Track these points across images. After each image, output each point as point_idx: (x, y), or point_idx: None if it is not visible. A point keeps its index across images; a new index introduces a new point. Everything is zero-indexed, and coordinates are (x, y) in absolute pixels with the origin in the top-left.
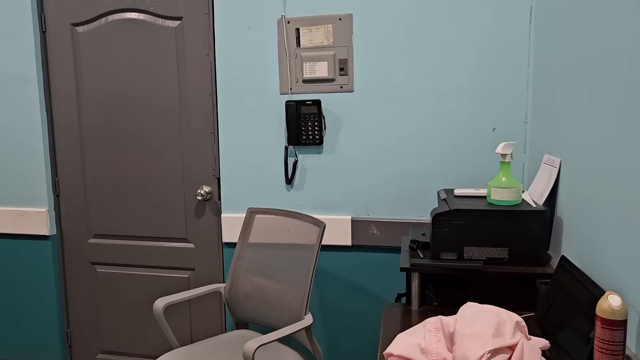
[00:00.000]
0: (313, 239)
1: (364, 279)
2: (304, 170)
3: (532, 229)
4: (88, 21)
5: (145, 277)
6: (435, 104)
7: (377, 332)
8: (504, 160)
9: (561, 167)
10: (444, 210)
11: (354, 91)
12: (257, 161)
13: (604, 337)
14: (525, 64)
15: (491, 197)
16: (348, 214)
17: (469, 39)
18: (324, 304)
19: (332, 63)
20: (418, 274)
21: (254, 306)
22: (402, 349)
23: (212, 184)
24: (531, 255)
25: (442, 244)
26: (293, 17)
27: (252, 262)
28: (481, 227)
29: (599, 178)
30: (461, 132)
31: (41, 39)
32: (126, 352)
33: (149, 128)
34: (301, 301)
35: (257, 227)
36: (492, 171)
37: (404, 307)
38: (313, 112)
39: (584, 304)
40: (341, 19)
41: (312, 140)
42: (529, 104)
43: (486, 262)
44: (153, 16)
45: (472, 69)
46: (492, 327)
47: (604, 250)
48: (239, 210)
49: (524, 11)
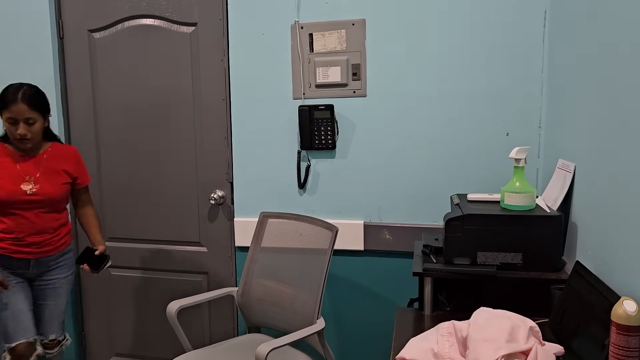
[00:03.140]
0: (326, 244)
1: (376, 284)
2: (316, 174)
3: (546, 234)
4: (104, 27)
5: (159, 280)
6: (448, 109)
7: (389, 337)
8: (518, 165)
9: (576, 172)
10: (457, 215)
11: (366, 96)
12: (270, 166)
13: (619, 343)
14: (539, 68)
15: (505, 202)
16: (360, 218)
17: (482, 43)
18: (336, 309)
19: (345, 68)
20: (431, 279)
21: (266, 310)
22: (415, 353)
23: (225, 188)
24: (545, 261)
25: (455, 249)
26: (306, 22)
27: (265, 266)
28: (495, 232)
29: (614, 183)
30: (474, 137)
31: (59, 45)
32: (139, 355)
33: (163, 133)
34: (313, 305)
35: (269, 231)
36: (505, 176)
37: (416, 312)
38: (326, 116)
39: (599, 310)
40: (354, 24)
41: (325, 145)
42: (543, 108)
43: (500, 268)
44: (168, 22)
45: (485, 74)
46: (505, 332)
47: (619, 256)
48: (251, 214)
49: (538, 15)
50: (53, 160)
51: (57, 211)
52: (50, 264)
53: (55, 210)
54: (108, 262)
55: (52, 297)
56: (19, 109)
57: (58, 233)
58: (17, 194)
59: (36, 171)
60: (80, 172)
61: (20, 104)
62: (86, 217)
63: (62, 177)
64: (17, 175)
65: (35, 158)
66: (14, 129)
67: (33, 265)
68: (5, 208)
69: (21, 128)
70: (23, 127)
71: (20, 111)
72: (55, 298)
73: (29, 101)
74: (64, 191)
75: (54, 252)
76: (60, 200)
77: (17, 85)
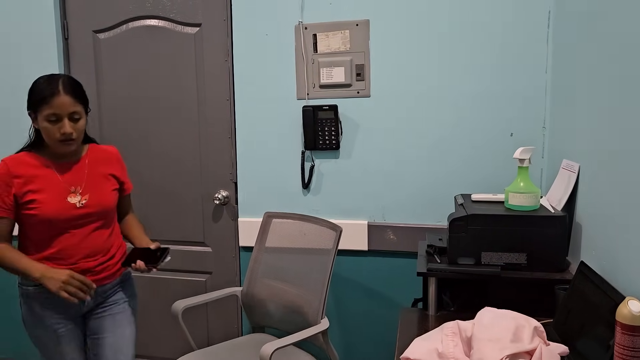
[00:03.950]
0: (330, 244)
1: (380, 284)
2: (320, 175)
3: (550, 235)
4: (109, 28)
5: (163, 280)
6: (452, 109)
7: (393, 337)
8: (522, 165)
9: (580, 172)
10: (461, 215)
11: (370, 96)
12: (274, 166)
13: (624, 343)
14: (543, 68)
15: (509, 202)
16: (364, 218)
17: (486, 43)
18: (340, 308)
19: (349, 68)
20: (435, 279)
21: (270, 310)
22: (419, 353)
23: (230, 189)
24: (549, 261)
25: (460, 249)
26: (310, 23)
27: (269, 266)
28: (499, 232)
29: (619, 184)
30: (478, 137)
31: (64, 45)
32: (144, 354)
33: (167, 133)
34: (317, 305)
35: (274, 231)
36: (509, 176)
37: (420, 312)
38: (330, 117)
39: (604, 310)
40: (358, 25)
41: (329, 145)
42: (547, 108)
43: (504, 268)
44: (173, 23)
45: (489, 74)
46: (510, 332)
47: (624, 256)
48: (255, 214)
49: (542, 16)
50: (97, 164)
51: (109, 226)
52: (108, 293)
53: (107, 225)
54: (167, 254)
55: (111, 328)
56: (62, 102)
57: (113, 255)
58: (66, 209)
59: (81, 179)
60: (125, 176)
61: (63, 96)
62: (129, 224)
63: (111, 183)
64: (61, 187)
65: (77, 164)
66: (56, 128)
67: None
68: (53, 228)
69: (67, 125)
70: (69, 124)
71: (64, 105)
72: (114, 329)
73: (73, 92)
74: (115, 199)
75: (111, 278)
76: (112, 210)
77: (50, 76)
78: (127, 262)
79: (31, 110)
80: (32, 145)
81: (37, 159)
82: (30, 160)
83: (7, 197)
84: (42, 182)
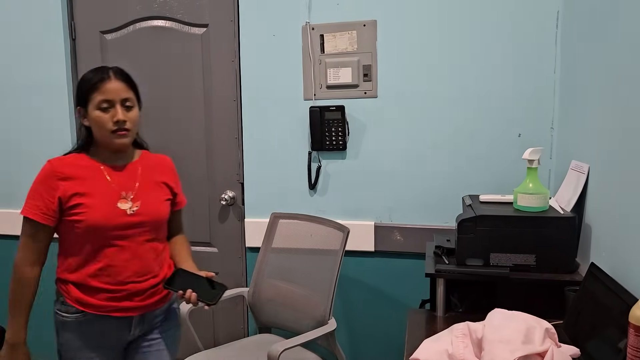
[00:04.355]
0: (337, 244)
1: (387, 285)
2: (327, 175)
3: (559, 236)
4: (116, 29)
5: None
6: (460, 110)
7: (401, 338)
8: (531, 166)
9: (589, 173)
10: (469, 216)
11: (377, 97)
12: (280, 166)
13: (637, 345)
14: (551, 68)
15: (518, 203)
16: (371, 219)
17: (495, 43)
18: (347, 309)
19: (356, 69)
20: (443, 280)
21: (277, 310)
22: (429, 354)
23: (236, 189)
24: (559, 262)
25: (468, 250)
26: (317, 23)
27: (276, 266)
28: (507, 233)
29: (630, 184)
30: (486, 138)
31: (71, 46)
32: None
33: (174, 133)
34: (325, 306)
35: (280, 232)
36: (517, 177)
37: (428, 313)
38: (337, 117)
39: (616, 312)
40: (365, 25)
41: (336, 145)
42: (555, 109)
43: (513, 269)
44: (180, 23)
45: (497, 74)
46: (521, 334)
47: (635, 257)
48: (262, 215)
49: (551, 16)
50: (149, 171)
51: (160, 239)
52: (156, 320)
53: (157, 237)
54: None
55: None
56: (113, 86)
57: (164, 274)
58: (116, 215)
59: (133, 184)
60: (179, 188)
61: (114, 81)
62: (178, 245)
63: (164, 192)
64: (112, 191)
65: (129, 168)
66: (108, 117)
67: (136, 325)
68: (100, 238)
69: (119, 112)
70: (122, 111)
71: (115, 89)
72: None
73: (125, 78)
74: (167, 210)
75: (162, 303)
76: (164, 222)
77: (100, 66)
78: (171, 284)
79: (80, 104)
80: (82, 147)
81: (87, 160)
82: (78, 161)
83: (52, 202)
84: (91, 184)
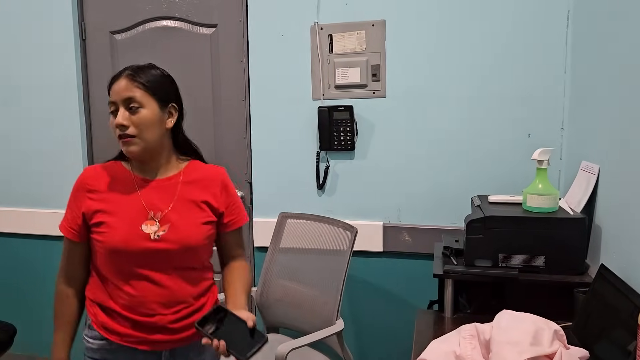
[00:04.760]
0: (345, 245)
1: (395, 285)
2: (335, 175)
3: (569, 237)
4: (126, 29)
5: None
6: (469, 110)
7: (409, 339)
8: (541, 166)
9: (600, 174)
10: (478, 216)
11: (386, 97)
12: (289, 166)
13: None
14: (562, 69)
15: (527, 204)
16: (379, 219)
17: (504, 43)
18: (355, 310)
19: (365, 69)
20: (452, 281)
21: (285, 310)
22: (437, 355)
23: (245, 189)
24: (568, 264)
25: (477, 251)
26: (326, 23)
27: (284, 266)
28: (517, 234)
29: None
30: (495, 138)
31: (81, 46)
32: None
33: None
34: (332, 306)
35: (288, 232)
36: (526, 178)
37: (436, 314)
38: (345, 117)
39: (625, 314)
40: (374, 25)
41: (344, 145)
42: (565, 109)
43: (522, 270)
44: (189, 24)
45: (507, 74)
46: (529, 335)
47: None
48: (270, 214)
49: (561, 15)
50: (191, 187)
51: (198, 267)
52: (190, 356)
53: (194, 266)
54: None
55: None
56: (118, 86)
57: (202, 305)
58: (137, 238)
59: (166, 203)
60: (231, 206)
61: (122, 79)
62: (232, 274)
63: (203, 213)
64: (139, 210)
65: (165, 182)
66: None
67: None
68: (121, 262)
69: (119, 115)
70: (122, 114)
71: (118, 90)
72: None
73: (134, 75)
74: (203, 235)
75: (196, 337)
76: (200, 248)
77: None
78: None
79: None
80: (121, 154)
81: (122, 170)
82: (113, 172)
83: (77, 216)
84: (118, 200)
